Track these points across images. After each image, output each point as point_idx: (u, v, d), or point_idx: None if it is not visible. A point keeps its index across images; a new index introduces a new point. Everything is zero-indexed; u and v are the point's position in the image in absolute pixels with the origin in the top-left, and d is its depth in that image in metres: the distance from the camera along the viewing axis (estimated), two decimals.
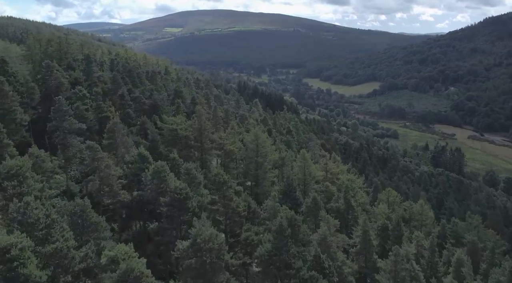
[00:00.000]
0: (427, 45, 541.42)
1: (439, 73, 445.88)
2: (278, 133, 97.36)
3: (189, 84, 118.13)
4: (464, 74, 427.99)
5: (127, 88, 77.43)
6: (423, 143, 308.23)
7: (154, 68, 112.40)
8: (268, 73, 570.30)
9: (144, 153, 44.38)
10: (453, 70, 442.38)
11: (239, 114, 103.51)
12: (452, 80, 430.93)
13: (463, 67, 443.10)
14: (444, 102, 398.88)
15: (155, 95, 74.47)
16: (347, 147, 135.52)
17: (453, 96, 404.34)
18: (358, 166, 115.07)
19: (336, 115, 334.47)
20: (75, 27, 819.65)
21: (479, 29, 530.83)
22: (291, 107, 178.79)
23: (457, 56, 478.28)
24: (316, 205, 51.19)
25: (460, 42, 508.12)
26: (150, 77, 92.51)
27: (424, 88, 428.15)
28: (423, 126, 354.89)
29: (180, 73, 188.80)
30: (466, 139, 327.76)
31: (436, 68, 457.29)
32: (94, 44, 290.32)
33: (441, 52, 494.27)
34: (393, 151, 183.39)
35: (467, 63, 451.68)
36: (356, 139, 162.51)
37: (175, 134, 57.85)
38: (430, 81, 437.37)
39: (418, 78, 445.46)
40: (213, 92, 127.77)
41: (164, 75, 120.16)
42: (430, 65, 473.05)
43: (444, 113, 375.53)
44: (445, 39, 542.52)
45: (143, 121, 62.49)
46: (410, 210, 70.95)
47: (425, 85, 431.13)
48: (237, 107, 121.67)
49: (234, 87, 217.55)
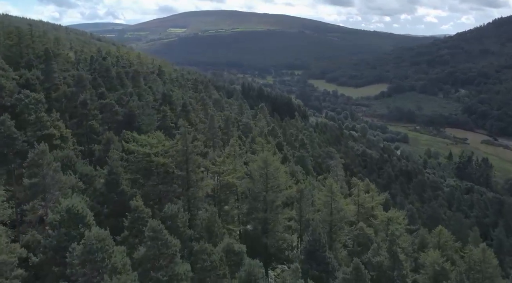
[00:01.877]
0: (435, 46, 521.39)
1: (448, 75, 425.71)
2: (290, 147, 78.50)
3: (185, 86, 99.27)
4: (474, 76, 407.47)
5: (99, 92, 58.60)
6: (435, 147, 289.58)
7: (138, 68, 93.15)
8: (272, 74, 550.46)
9: (77, 208, 25.29)
10: (462, 72, 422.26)
11: (243, 122, 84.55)
12: (461, 82, 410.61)
13: (473, 69, 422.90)
14: (454, 105, 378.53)
15: (131, 102, 55.30)
16: (367, 158, 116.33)
17: (464, 98, 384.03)
18: (382, 182, 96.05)
19: (344, 118, 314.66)
20: (79, 27, 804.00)
21: (488, 30, 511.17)
22: (300, 111, 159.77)
23: (466, 57, 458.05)
24: (359, 277, 32.41)
25: (468, 44, 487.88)
26: (132, 77, 73.54)
27: (433, 90, 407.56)
28: (434, 130, 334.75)
29: (179, 73, 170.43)
30: (479, 144, 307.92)
31: (445, 70, 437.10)
32: (90, 43, 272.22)
33: (449, 54, 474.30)
34: (412, 160, 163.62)
35: (476, 65, 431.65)
36: (373, 147, 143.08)
37: (148, 162, 38.95)
38: (438, 83, 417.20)
39: (426, 80, 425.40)
40: (213, 95, 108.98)
41: (157, 76, 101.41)
42: (438, 67, 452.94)
43: (455, 116, 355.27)
44: (453, 40, 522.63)
45: (108, 140, 43.67)
46: (470, 256, 52.01)
47: (434, 87, 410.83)
48: (240, 113, 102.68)
49: (238, 89, 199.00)
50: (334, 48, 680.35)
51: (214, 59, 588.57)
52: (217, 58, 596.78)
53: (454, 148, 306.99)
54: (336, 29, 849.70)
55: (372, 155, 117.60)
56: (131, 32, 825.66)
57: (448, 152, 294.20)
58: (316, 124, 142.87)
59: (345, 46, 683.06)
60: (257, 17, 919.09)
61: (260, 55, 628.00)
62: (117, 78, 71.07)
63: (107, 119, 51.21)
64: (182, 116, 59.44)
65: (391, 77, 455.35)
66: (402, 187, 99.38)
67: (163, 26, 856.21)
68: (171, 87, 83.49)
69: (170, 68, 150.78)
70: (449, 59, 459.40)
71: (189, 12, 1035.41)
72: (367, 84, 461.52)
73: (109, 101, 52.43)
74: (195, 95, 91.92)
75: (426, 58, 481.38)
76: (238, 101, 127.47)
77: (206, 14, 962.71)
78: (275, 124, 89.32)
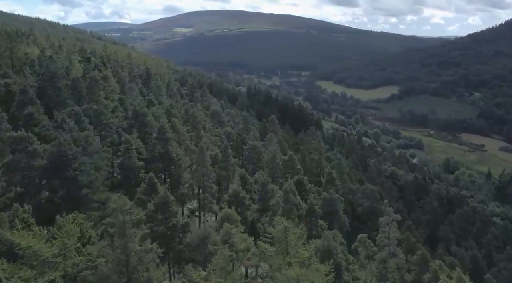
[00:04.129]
0: (445, 47, 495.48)
1: (461, 77, 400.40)
2: (312, 182, 55.99)
3: (175, 95, 76.72)
4: (488, 79, 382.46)
5: (28, 112, 35.97)
6: (451, 154, 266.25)
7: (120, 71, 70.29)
8: (279, 75, 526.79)
9: None
10: (475, 74, 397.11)
11: (249, 146, 61.77)
12: (475, 84, 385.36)
13: (486, 71, 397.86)
14: (469, 108, 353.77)
15: (61, 137, 32.03)
16: (396, 180, 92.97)
17: (478, 102, 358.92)
18: (425, 219, 73.22)
19: (355, 122, 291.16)
20: (85, 26, 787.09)
21: (501, 31, 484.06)
22: (312, 119, 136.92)
23: (479, 59, 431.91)
24: None
25: (480, 45, 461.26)
26: (88, 87, 50.83)
27: (445, 93, 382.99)
28: (449, 135, 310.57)
29: (178, 75, 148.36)
30: (498, 151, 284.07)
31: (458, 72, 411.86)
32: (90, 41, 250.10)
33: (461, 55, 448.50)
34: (438, 175, 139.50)
35: (490, 67, 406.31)
36: (400, 164, 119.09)
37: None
38: (451, 85, 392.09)
39: (439, 83, 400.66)
40: (212, 105, 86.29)
41: (140, 81, 78.74)
42: (450, 69, 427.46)
43: (470, 121, 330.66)
44: (464, 41, 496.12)
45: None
46: None
47: (447, 90, 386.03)
48: (245, 129, 79.65)
49: (243, 92, 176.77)
50: (341, 48, 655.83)
51: (219, 59, 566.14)
52: (222, 58, 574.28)
53: (471, 155, 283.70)
54: (343, 30, 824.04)
55: (406, 179, 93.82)
56: (136, 31, 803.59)
57: (465, 159, 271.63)
58: (334, 137, 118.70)
59: (352, 47, 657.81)
60: (263, 17, 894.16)
61: (266, 55, 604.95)
62: (72, 88, 48.38)
63: (18, 167, 28.69)
64: (156, 150, 36.63)
65: (401, 79, 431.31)
66: (452, 228, 75.75)
67: (168, 26, 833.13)
68: (154, 98, 60.99)
69: (166, 70, 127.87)
70: (461, 61, 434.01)
71: (195, 12, 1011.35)
72: (376, 86, 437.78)
73: (23, 135, 29.82)
74: (187, 107, 69.33)
75: (437, 59, 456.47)
76: (243, 112, 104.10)
77: (212, 14, 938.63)
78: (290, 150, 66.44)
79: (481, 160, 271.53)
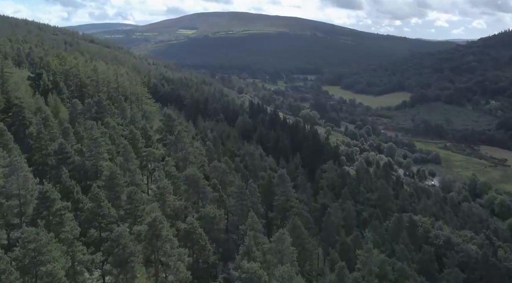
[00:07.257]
0: (458, 52, 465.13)
1: (476, 84, 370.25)
2: None
3: (146, 131, 49.44)
4: (506, 86, 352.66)
5: None
6: (472, 170, 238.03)
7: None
8: (284, 79, 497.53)
9: None
10: (492, 81, 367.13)
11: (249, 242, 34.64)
12: (492, 92, 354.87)
13: (503, 78, 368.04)
14: (487, 118, 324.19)
15: None
16: (457, 253, 64.51)
17: (496, 111, 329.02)
18: None
19: (367, 133, 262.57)
20: (88, 27, 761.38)
21: None
22: (331, 152, 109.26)
23: (495, 65, 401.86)
24: None
25: (496, 50, 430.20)
26: None
27: (460, 101, 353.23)
28: (467, 147, 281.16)
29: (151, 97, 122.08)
30: None
31: (473, 79, 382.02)
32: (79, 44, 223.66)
33: (476, 60, 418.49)
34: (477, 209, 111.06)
35: (507, 73, 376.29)
36: (445, 214, 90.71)
37: None
38: (467, 93, 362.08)
39: (453, 90, 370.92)
40: (199, 152, 58.81)
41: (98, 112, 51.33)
42: (464, 75, 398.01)
43: (488, 132, 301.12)
44: (477, 46, 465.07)
45: None
46: None
47: (462, 97, 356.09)
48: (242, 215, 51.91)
49: (245, 109, 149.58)
50: (348, 51, 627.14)
51: (223, 62, 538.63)
52: (226, 61, 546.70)
53: (494, 171, 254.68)
54: (348, 32, 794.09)
55: (468, 252, 64.06)
56: (139, 32, 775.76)
57: (488, 175, 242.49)
58: (357, 174, 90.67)
59: (359, 50, 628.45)
60: (267, 19, 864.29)
61: (270, 58, 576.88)
62: None
63: None
64: None
65: (413, 85, 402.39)
66: None
67: (172, 27, 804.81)
68: (108, 150, 33.79)
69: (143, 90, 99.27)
70: (476, 66, 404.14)
71: (199, 14, 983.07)
72: (386, 92, 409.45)
73: None
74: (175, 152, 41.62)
75: (450, 65, 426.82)
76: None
77: (216, 15, 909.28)
78: None
79: (505, 177, 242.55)
